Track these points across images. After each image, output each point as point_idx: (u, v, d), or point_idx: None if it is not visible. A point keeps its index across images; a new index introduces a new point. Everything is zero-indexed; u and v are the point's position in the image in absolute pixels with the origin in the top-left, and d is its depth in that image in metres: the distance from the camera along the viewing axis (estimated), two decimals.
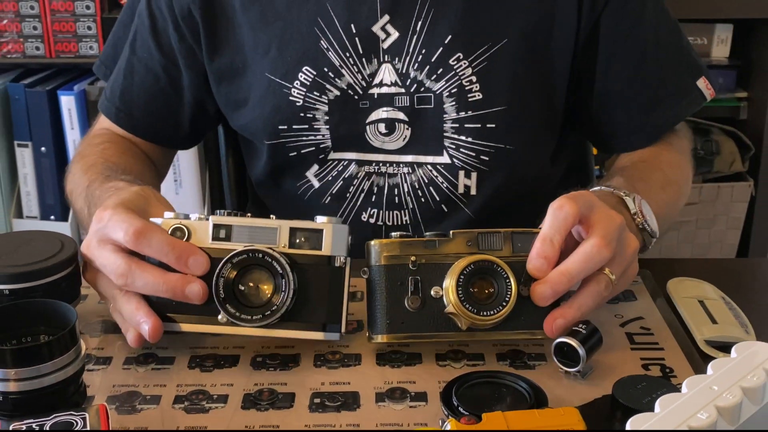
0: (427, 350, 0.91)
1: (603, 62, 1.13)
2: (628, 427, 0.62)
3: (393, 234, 0.89)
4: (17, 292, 0.86)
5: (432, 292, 0.86)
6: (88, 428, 0.71)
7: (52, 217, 2.10)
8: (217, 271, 0.84)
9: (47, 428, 0.71)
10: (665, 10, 1.17)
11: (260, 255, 0.85)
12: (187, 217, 0.88)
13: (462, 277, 0.84)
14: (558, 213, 0.86)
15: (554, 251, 0.85)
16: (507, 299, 0.84)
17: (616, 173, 1.09)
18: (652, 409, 0.65)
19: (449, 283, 0.85)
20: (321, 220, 0.87)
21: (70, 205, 1.13)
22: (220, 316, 0.85)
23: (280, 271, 0.85)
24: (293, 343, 0.91)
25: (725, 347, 0.90)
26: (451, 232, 0.88)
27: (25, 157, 2.06)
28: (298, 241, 0.86)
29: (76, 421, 0.72)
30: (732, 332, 0.92)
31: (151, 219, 0.87)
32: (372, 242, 0.88)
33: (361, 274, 0.88)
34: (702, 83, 1.19)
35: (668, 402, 0.65)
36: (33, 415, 0.72)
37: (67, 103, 2.01)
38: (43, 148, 2.05)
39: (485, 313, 0.84)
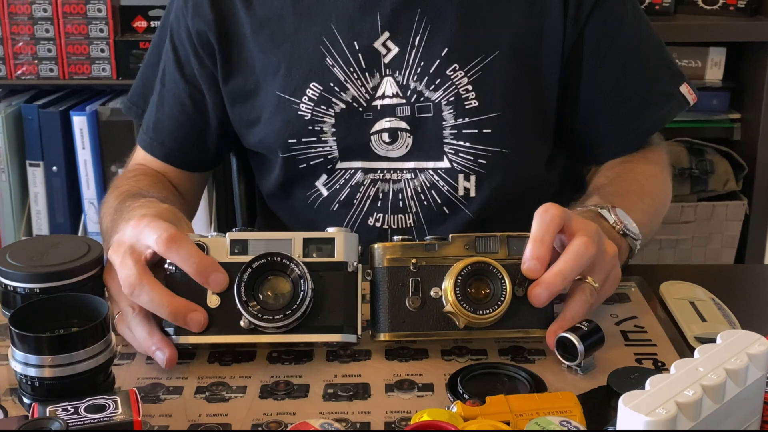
0: (433, 346, 0.95)
1: (588, 73, 1.19)
2: (621, 402, 0.67)
3: (395, 238, 0.94)
4: (47, 290, 0.91)
5: (432, 293, 0.91)
6: (120, 410, 0.75)
7: None
8: (238, 276, 0.88)
9: (82, 410, 0.75)
10: (644, 19, 1.23)
11: (278, 258, 0.89)
12: (203, 237, 0.93)
13: (459, 278, 0.89)
14: (544, 215, 0.91)
15: (546, 251, 0.90)
16: (502, 299, 0.89)
17: (593, 193, 1.13)
18: None
19: (448, 283, 0.89)
20: (331, 230, 0.93)
21: (102, 235, 1.17)
22: (242, 321, 0.88)
23: (298, 272, 0.88)
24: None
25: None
26: (450, 236, 0.93)
27: (36, 176, 2.09)
28: (311, 250, 0.91)
29: (108, 404, 0.77)
30: (720, 329, 0.95)
31: None
32: (375, 245, 0.93)
33: (365, 275, 0.93)
34: (684, 89, 1.25)
35: (658, 381, 0.70)
36: (67, 398, 0.77)
37: (79, 123, 2.03)
38: (54, 168, 2.07)
39: (482, 312, 0.89)
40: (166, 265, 0.91)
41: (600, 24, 1.18)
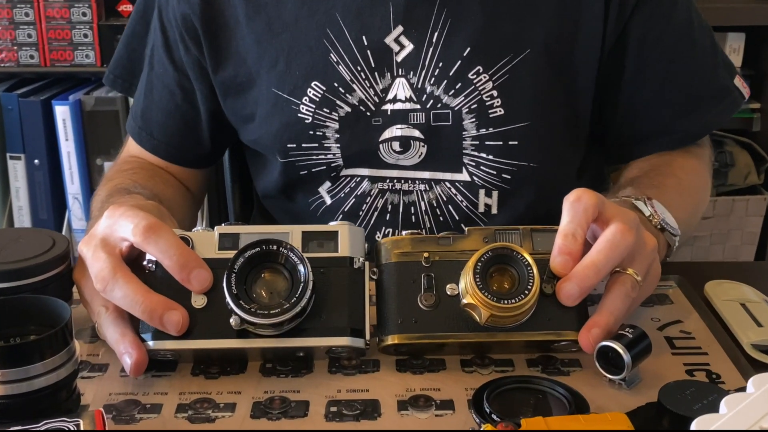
0: (452, 358, 0.84)
1: (632, 70, 1.08)
2: (693, 427, 0.55)
3: (404, 232, 0.84)
4: (5, 291, 0.79)
5: (447, 290, 0.81)
6: None
7: None
8: (229, 265, 0.77)
9: None
10: (695, 8, 1.11)
11: (274, 247, 0.78)
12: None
13: (480, 264, 0.78)
14: (576, 205, 0.81)
15: (577, 246, 0.79)
16: (529, 287, 0.77)
17: (626, 185, 1.05)
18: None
19: (466, 271, 0.79)
20: (334, 223, 0.83)
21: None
22: (232, 319, 0.77)
23: (296, 260, 0.77)
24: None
25: None
26: (466, 229, 0.83)
27: (17, 170, 2.01)
28: (312, 245, 0.81)
29: (68, 428, 0.64)
30: None
31: None
32: (382, 240, 0.84)
33: (370, 275, 0.82)
34: (738, 82, 1.13)
35: (735, 402, 0.58)
36: (21, 421, 0.65)
37: (62, 113, 1.95)
38: (36, 161, 2.00)
39: (506, 302, 0.77)
40: (145, 262, 0.81)
41: (647, 17, 1.06)
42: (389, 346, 0.82)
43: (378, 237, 1.11)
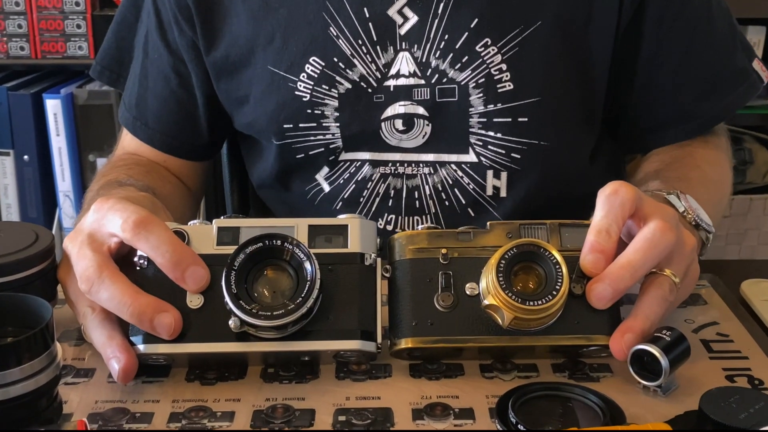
0: (470, 363, 0.78)
1: (649, 48, 1.03)
2: None
3: (420, 226, 0.78)
4: None
5: (466, 290, 0.75)
6: None
7: None
8: (228, 262, 0.71)
9: None
10: None
11: (278, 242, 0.72)
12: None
13: (503, 262, 0.72)
14: (613, 199, 0.74)
15: (611, 244, 0.73)
16: (557, 287, 0.71)
17: (651, 177, 0.99)
18: (749, 426, 0.52)
19: (488, 270, 0.73)
20: (343, 217, 0.77)
21: None
22: (231, 321, 0.71)
23: (303, 256, 0.71)
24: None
25: None
26: (488, 223, 0.77)
27: (6, 166, 1.96)
28: (319, 240, 0.75)
29: None
30: None
31: None
32: (395, 236, 0.77)
33: (382, 273, 0.76)
34: (757, 65, 1.09)
35: None
36: None
37: (53, 107, 1.91)
38: (26, 157, 1.95)
39: (532, 303, 0.71)
40: (136, 258, 0.75)
41: None
42: (402, 350, 0.75)
43: (380, 224, 1.06)
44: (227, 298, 0.70)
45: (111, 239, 0.75)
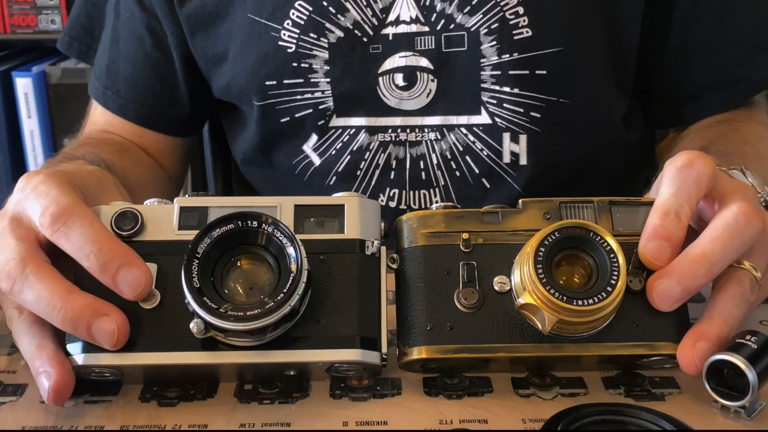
0: (501, 376, 0.63)
1: (684, 6, 0.95)
2: None
3: (434, 205, 0.65)
4: None
5: (495, 285, 0.61)
6: None
7: None
8: (190, 248, 0.57)
9: None
10: None
11: (253, 223, 0.58)
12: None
13: (542, 250, 0.58)
14: (687, 173, 0.62)
15: (680, 230, 0.61)
16: (613, 282, 0.57)
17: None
18: None
19: (523, 260, 0.59)
20: (340, 195, 0.64)
21: None
22: (193, 324, 0.57)
23: (284, 242, 0.57)
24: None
25: None
26: (520, 201, 0.64)
27: None
28: (309, 223, 0.62)
29: None
30: None
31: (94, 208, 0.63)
32: (404, 217, 0.64)
33: (388, 265, 0.63)
34: None
35: None
36: None
37: (24, 86, 1.86)
38: None
39: (580, 303, 0.57)
40: None
41: None
42: (415, 361, 0.61)
43: (381, 200, 0.97)
44: (188, 295, 0.56)
45: (34, 220, 0.62)
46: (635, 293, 0.60)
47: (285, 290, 0.56)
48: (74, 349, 0.58)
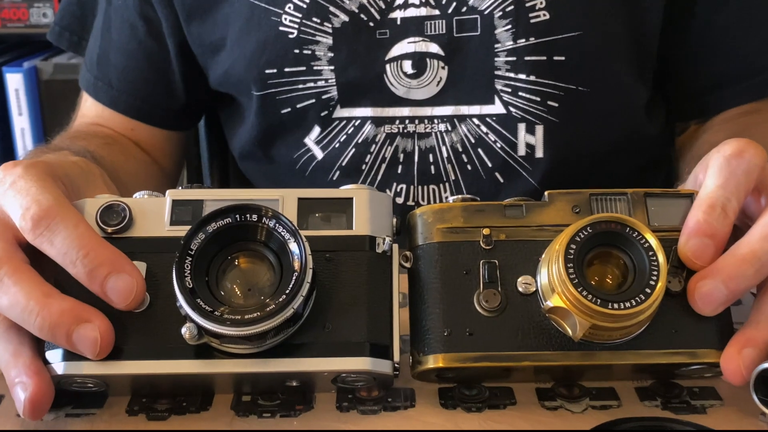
0: (524, 386, 0.58)
1: None
2: None
3: (451, 198, 0.61)
4: None
5: (519, 286, 0.56)
6: None
7: None
8: (182, 246, 0.53)
9: None
10: None
11: (253, 217, 0.53)
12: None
13: (574, 246, 0.53)
14: (736, 163, 0.58)
15: (726, 226, 0.56)
16: (652, 284, 0.52)
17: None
18: None
19: (551, 258, 0.54)
20: (348, 188, 0.61)
21: None
22: (184, 329, 0.52)
23: (287, 238, 0.52)
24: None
25: None
26: (546, 193, 0.60)
27: None
28: (313, 218, 0.58)
29: None
30: None
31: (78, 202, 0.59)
32: (418, 212, 0.60)
33: (401, 263, 0.58)
34: None
35: None
36: None
37: (15, 82, 1.83)
38: None
39: (616, 306, 0.52)
40: None
41: None
42: (430, 370, 0.55)
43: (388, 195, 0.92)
44: (180, 297, 0.51)
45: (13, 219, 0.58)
46: (674, 295, 0.55)
47: (287, 291, 0.51)
48: (54, 357, 0.53)
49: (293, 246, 0.51)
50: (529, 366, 0.55)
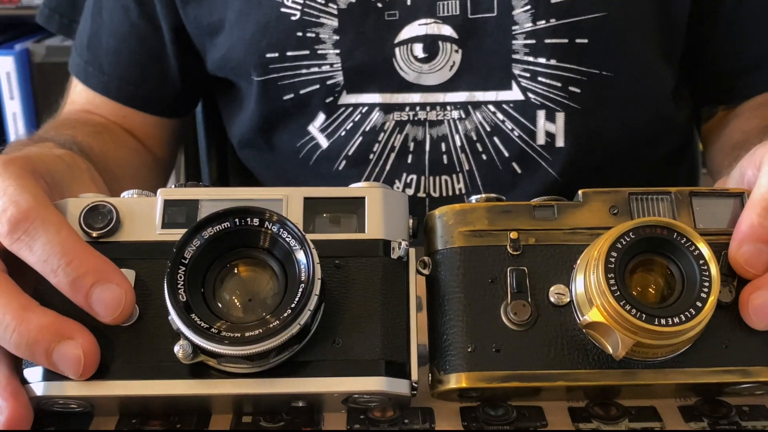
0: (555, 405, 0.54)
1: None
2: None
3: (474, 198, 0.56)
4: None
5: (551, 296, 0.53)
6: None
7: None
8: (175, 254, 0.48)
9: None
10: None
11: (254, 221, 0.49)
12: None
13: (615, 253, 0.49)
14: None
15: None
16: (704, 296, 0.48)
17: (755, 136, 0.84)
18: None
19: (588, 266, 0.50)
20: (359, 185, 0.58)
21: None
22: (177, 347, 0.48)
23: (292, 245, 0.48)
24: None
25: None
26: (580, 192, 0.56)
27: None
28: (321, 220, 0.55)
29: None
30: None
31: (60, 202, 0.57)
32: (437, 212, 0.56)
33: (418, 270, 0.54)
34: None
35: None
36: None
37: (6, 65, 1.80)
38: None
39: (663, 322, 0.47)
40: None
41: None
42: (452, 390, 0.51)
43: (396, 187, 0.92)
44: (172, 312, 0.47)
45: None
46: (724, 306, 0.51)
47: (293, 305, 0.46)
48: (33, 375, 0.49)
49: (300, 255, 0.47)
50: (562, 386, 0.50)
